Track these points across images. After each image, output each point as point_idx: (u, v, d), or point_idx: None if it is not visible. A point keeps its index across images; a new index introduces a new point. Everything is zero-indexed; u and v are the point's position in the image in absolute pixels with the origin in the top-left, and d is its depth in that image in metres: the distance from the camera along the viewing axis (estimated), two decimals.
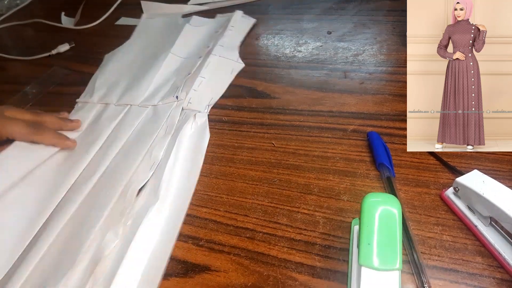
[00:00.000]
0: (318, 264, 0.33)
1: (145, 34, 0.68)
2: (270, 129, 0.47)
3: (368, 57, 0.56)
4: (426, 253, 0.33)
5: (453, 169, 0.38)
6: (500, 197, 0.30)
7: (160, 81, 0.55)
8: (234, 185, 0.40)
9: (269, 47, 0.62)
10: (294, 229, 0.36)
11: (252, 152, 0.44)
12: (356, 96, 0.49)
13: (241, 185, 0.41)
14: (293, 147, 0.44)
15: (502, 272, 0.31)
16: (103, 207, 0.38)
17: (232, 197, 0.40)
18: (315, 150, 0.43)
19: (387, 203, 0.28)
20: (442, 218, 0.35)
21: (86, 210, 0.38)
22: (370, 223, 0.27)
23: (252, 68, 0.58)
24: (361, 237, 0.27)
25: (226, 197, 0.40)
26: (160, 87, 0.53)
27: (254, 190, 0.40)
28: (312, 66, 0.56)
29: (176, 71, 0.56)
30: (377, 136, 0.42)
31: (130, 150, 0.45)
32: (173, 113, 0.48)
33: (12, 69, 0.68)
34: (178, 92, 0.50)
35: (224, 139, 0.46)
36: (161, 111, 0.49)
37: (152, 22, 0.71)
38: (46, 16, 0.80)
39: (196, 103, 0.50)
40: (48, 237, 0.36)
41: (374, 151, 0.41)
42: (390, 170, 0.38)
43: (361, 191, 0.38)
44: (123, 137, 0.46)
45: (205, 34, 0.64)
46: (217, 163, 0.43)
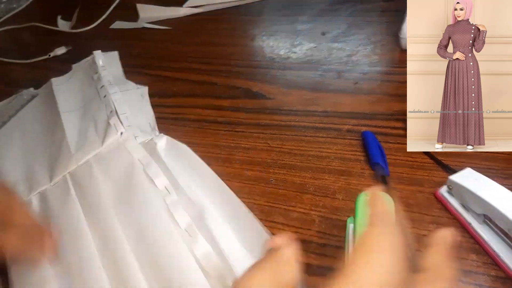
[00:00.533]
0: (314, 262, 0.33)
1: (22, 115, 0.57)
2: (265, 129, 0.47)
3: (362, 57, 0.56)
4: (421, 250, 0.33)
5: (446, 167, 0.39)
6: (493, 195, 0.30)
7: (74, 138, 0.48)
8: (231, 185, 0.40)
9: (264, 48, 0.62)
10: (290, 228, 0.36)
11: (248, 152, 0.44)
12: (350, 96, 0.50)
13: (237, 184, 0.41)
14: (288, 147, 0.44)
15: (496, 269, 0.31)
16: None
17: None
18: (310, 150, 0.43)
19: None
20: (437, 216, 0.35)
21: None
22: (364, 221, 0.27)
23: (247, 69, 0.58)
24: (356, 235, 0.27)
25: None
26: (82, 141, 0.47)
27: (250, 189, 0.40)
28: (307, 67, 0.56)
29: (82, 121, 0.50)
30: (372, 135, 0.42)
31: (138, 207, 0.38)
32: (131, 147, 0.44)
33: (9, 72, 0.68)
34: (119, 128, 0.46)
35: (220, 139, 0.47)
36: (115, 153, 0.44)
37: (25, 109, 0.58)
38: (42, 20, 0.80)
39: (141, 134, 0.46)
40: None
41: (368, 150, 0.41)
42: (384, 169, 0.39)
43: (356, 190, 0.38)
44: (106, 203, 0.39)
45: (78, 84, 0.58)
46: (214, 163, 0.43)
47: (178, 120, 0.51)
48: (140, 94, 0.54)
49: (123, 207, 0.39)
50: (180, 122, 0.50)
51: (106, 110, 0.49)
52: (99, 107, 0.51)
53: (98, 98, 0.52)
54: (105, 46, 0.67)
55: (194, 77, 0.58)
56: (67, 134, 0.48)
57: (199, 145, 0.46)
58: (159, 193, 0.38)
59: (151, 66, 0.62)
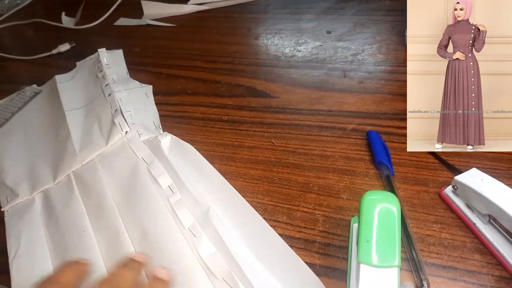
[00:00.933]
0: (317, 262, 0.33)
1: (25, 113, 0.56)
2: (270, 128, 0.47)
3: (367, 56, 0.56)
4: (425, 250, 0.33)
5: (451, 167, 0.39)
6: (499, 195, 0.30)
7: (79, 136, 0.47)
8: (234, 184, 0.40)
9: (269, 46, 0.62)
10: (293, 227, 0.36)
11: (252, 151, 0.44)
12: (355, 95, 0.49)
13: (241, 183, 0.41)
14: (292, 146, 0.44)
15: (500, 269, 0.31)
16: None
17: None
18: (314, 149, 0.43)
19: (386, 201, 0.28)
20: (441, 216, 0.35)
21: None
22: (369, 220, 0.27)
23: (251, 68, 0.58)
24: (360, 234, 0.27)
25: None
26: (87, 140, 0.47)
27: (254, 188, 0.40)
28: (312, 66, 0.56)
29: (86, 120, 0.50)
30: (377, 135, 0.42)
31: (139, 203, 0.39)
32: (135, 146, 0.44)
33: (12, 68, 0.68)
34: (124, 127, 0.46)
35: (224, 138, 0.47)
36: (120, 152, 0.44)
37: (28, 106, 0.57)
38: (46, 16, 0.80)
39: (145, 132, 0.46)
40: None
41: (373, 149, 0.41)
42: (389, 168, 0.39)
43: (360, 189, 0.38)
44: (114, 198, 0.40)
45: (83, 82, 0.58)
46: (217, 162, 0.43)
47: (182, 118, 0.51)
48: (144, 93, 0.54)
49: (127, 206, 0.39)
50: (184, 120, 0.50)
51: (112, 108, 0.49)
52: (103, 106, 0.51)
53: (102, 97, 0.52)
54: (109, 43, 0.67)
55: (198, 75, 0.58)
56: (71, 133, 0.48)
57: (203, 143, 0.46)
58: (163, 192, 0.38)
59: (155, 64, 0.62)
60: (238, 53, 0.61)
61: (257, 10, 0.72)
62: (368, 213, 0.28)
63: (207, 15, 0.73)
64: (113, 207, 0.39)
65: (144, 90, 0.55)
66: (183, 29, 0.70)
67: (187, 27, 0.71)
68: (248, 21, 0.70)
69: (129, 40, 0.70)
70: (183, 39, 0.68)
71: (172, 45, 0.66)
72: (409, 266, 0.32)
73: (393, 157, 0.40)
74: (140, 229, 0.36)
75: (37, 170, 0.46)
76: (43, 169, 0.46)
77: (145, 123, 0.48)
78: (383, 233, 0.27)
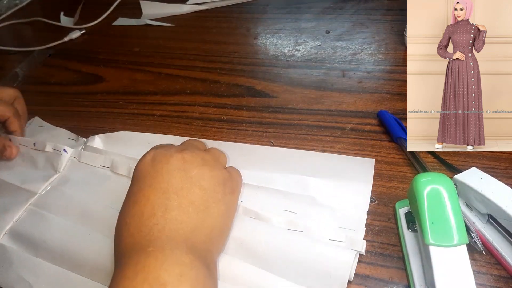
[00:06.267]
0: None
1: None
2: (268, 128, 0.47)
3: (366, 56, 0.56)
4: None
5: (451, 167, 0.39)
6: (498, 194, 0.30)
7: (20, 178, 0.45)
8: None
9: (268, 46, 0.62)
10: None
11: None
12: (354, 95, 0.49)
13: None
14: (291, 146, 0.44)
15: (499, 269, 0.31)
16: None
17: None
18: (313, 149, 0.43)
19: (439, 181, 0.28)
20: None
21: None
22: (430, 202, 0.28)
23: (250, 68, 0.58)
24: (421, 217, 0.27)
25: None
26: (30, 175, 0.45)
27: None
28: (311, 65, 0.56)
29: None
30: (388, 113, 0.44)
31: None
32: (85, 159, 0.45)
33: (10, 63, 0.68)
34: (60, 148, 0.45)
35: (223, 137, 0.47)
36: (74, 172, 0.44)
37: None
38: (45, 16, 0.80)
39: (71, 147, 0.46)
40: None
41: (388, 127, 0.42)
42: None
43: None
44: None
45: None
46: None
47: (181, 118, 0.51)
48: (37, 126, 0.51)
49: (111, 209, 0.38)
50: (182, 120, 0.50)
51: (29, 145, 0.47)
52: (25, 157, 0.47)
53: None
54: (108, 43, 0.67)
55: (197, 74, 0.58)
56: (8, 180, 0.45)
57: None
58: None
59: (154, 64, 0.62)
60: (237, 53, 0.61)
61: (256, 10, 0.72)
62: (427, 195, 0.28)
63: (206, 15, 0.73)
64: (99, 211, 0.39)
65: (34, 124, 0.51)
66: (182, 29, 0.70)
67: (186, 27, 0.71)
68: (247, 21, 0.70)
69: (128, 39, 0.69)
70: (182, 39, 0.68)
71: (171, 45, 0.66)
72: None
73: (392, 157, 0.41)
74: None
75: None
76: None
77: (65, 144, 0.47)
78: (445, 213, 0.27)
